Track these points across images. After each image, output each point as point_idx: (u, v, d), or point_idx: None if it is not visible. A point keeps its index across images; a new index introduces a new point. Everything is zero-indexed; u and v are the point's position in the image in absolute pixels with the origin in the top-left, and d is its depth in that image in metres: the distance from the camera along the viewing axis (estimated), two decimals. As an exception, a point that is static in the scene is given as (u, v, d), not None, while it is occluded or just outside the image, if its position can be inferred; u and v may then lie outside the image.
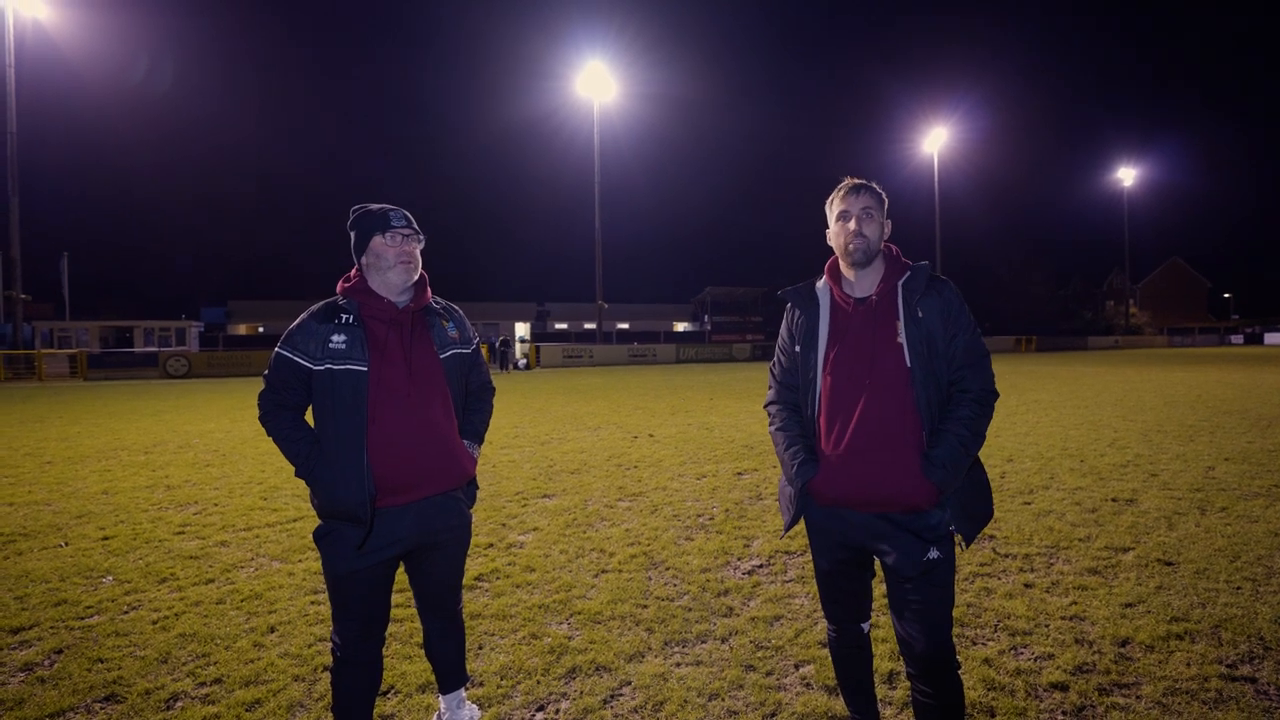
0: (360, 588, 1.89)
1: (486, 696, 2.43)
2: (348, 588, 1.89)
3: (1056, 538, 4.07)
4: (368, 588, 1.90)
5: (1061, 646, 2.69)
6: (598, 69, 36.41)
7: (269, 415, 1.89)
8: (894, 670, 2.53)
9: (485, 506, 5.12)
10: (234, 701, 2.39)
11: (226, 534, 4.43)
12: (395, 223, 1.91)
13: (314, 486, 1.86)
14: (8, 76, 25.50)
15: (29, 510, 5.18)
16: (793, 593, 3.33)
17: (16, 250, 26.09)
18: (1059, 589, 3.28)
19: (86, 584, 3.59)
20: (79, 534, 4.52)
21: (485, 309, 54.34)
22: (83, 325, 35.07)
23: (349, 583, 1.88)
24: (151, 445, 8.39)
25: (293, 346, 1.87)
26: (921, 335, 1.70)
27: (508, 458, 7.22)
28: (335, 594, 1.91)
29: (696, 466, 6.57)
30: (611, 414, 11.28)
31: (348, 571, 1.87)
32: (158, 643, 2.86)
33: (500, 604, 3.24)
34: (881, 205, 1.80)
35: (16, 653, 2.81)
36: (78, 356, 26.66)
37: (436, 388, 1.94)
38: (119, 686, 2.51)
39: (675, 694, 2.41)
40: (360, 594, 1.90)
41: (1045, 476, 5.79)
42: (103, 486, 5.98)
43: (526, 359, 28.45)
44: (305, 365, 1.85)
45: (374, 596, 1.92)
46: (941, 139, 48.67)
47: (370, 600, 1.92)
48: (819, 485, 1.75)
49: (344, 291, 1.93)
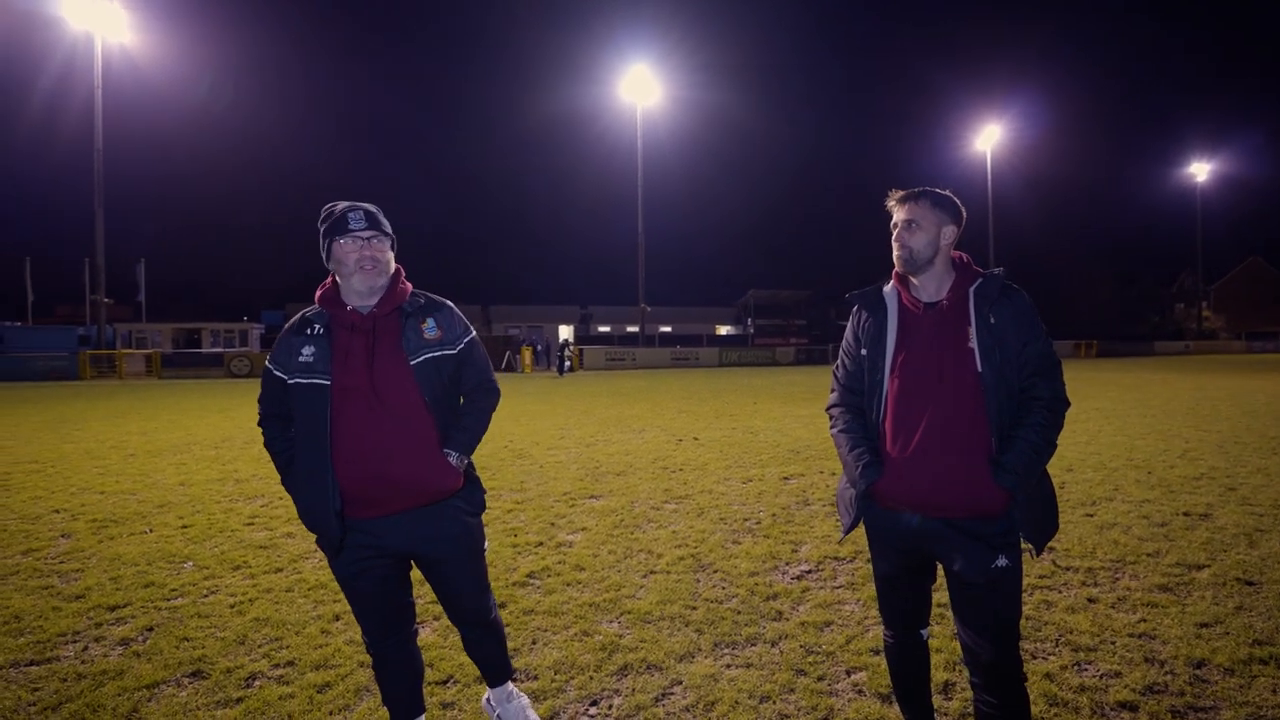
0: (363, 591, 1.88)
1: (541, 690, 2.50)
2: (351, 591, 1.90)
3: (1122, 551, 3.91)
4: (370, 592, 1.89)
5: (1130, 665, 2.59)
6: (641, 72, 36.66)
7: (261, 422, 1.91)
8: (950, 681, 2.49)
9: (534, 505, 5.24)
10: (306, 683, 2.53)
11: (291, 526, 4.66)
12: (353, 225, 1.78)
13: (292, 497, 1.85)
14: (96, 98, 27.39)
15: (117, 499, 5.57)
16: (843, 599, 3.31)
17: (101, 258, 27.93)
18: (1126, 605, 3.15)
19: (170, 568, 3.85)
20: (161, 522, 4.84)
21: (528, 312, 55.12)
22: (157, 327, 37.27)
23: (350, 587, 1.89)
24: (220, 440, 8.86)
25: (274, 359, 1.86)
26: (994, 341, 1.69)
27: (554, 458, 7.35)
28: (346, 595, 1.94)
29: (742, 470, 6.55)
30: (655, 417, 11.33)
31: (344, 576, 1.87)
32: (235, 625, 3.05)
33: (552, 601, 3.32)
34: (936, 213, 1.77)
35: (114, 628, 3.05)
36: (152, 356, 28.41)
37: (405, 396, 1.80)
38: (203, 664, 2.70)
39: (726, 695, 2.44)
40: (364, 596, 1.89)
41: (1109, 488, 5.55)
42: (179, 479, 6.37)
43: (570, 361, 28.78)
44: (282, 378, 1.83)
45: (380, 600, 1.90)
46: (995, 136, 46.82)
47: (377, 602, 1.91)
48: (884, 488, 1.75)
49: (317, 300, 1.87)
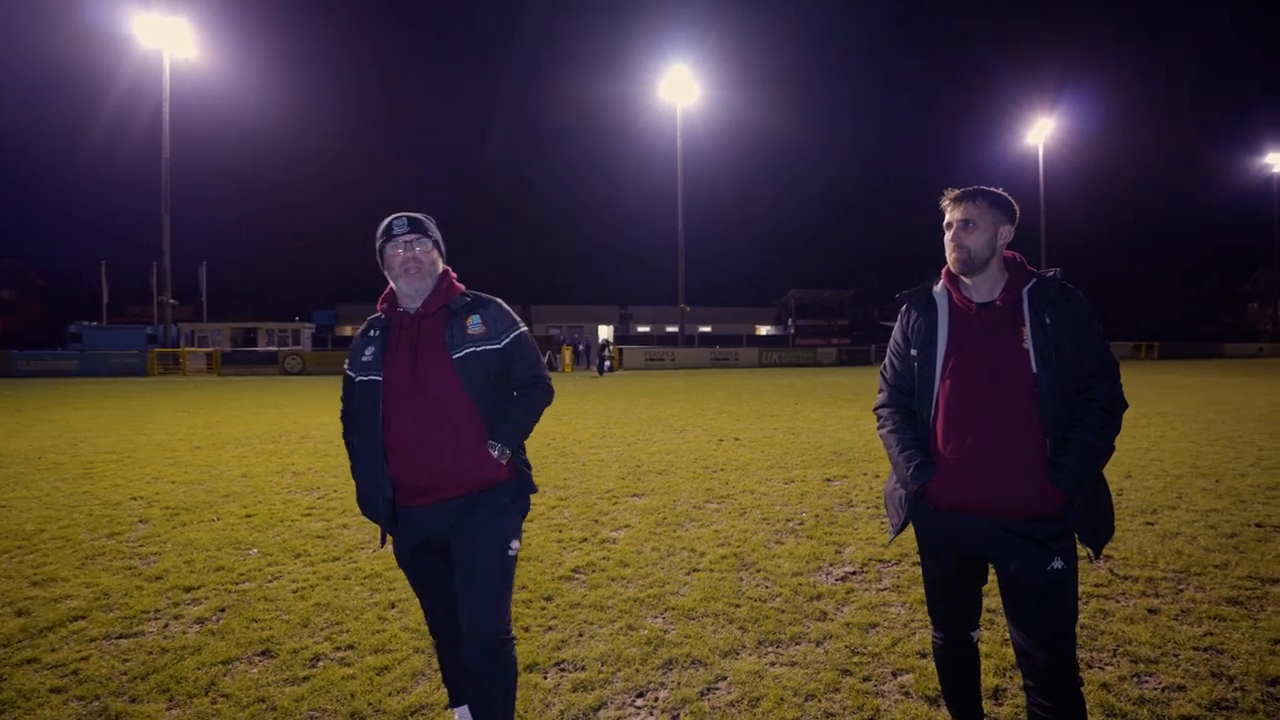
0: (421, 576, 2.04)
1: (588, 680, 2.56)
2: (411, 576, 2.06)
3: (1186, 562, 3.75)
4: (428, 576, 2.03)
5: (1194, 679, 2.49)
6: (681, 73, 36.65)
7: (341, 417, 2.09)
8: (1001, 686, 2.45)
9: (578, 502, 5.33)
10: (366, 666, 2.66)
11: (346, 518, 4.86)
12: (397, 230, 1.93)
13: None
14: (164, 110, 28.97)
15: (187, 489, 5.90)
16: (888, 601, 3.27)
17: (167, 261, 29.50)
18: (1190, 617, 3.03)
19: (237, 554, 4.07)
20: (227, 511, 5.11)
21: (569, 311, 55.60)
22: (216, 327, 39.01)
23: (409, 572, 2.05)
24: (278, 435, 9.27)
25: (348, 361, 2.06)
26: (1049, 342, 1.67)
27: (597, 457, 7.44)
28: (408, 580, 2.09)
29: (784, 471, 6.52)
30: (695, 417, 11.33)
31: (404, 562, 2.03)
32: (298, 609, 3.21)
33: (597, 595, 3.39)
34: (994, 212, 1.75)
35: (190, 608, 3.26)
36: (213, 354, 29.83)
37: (447, 390, 1.91)
38: (271, 644, 2.86)
39: (771, 691, 2.45)
40: (422, 580, 2.05)
41: (1172, 495, 5.32)
42: (242, 470, 6.70)
43: (610, 361, 29.00)
44: (352, 376, 2.02)
45: (438, 584, 2.03)
46: (1048, 129, 45.03)
47: (435, 586, 2.04)
48: (935, 489, 1.74)
49: (378, 305, 2.05)
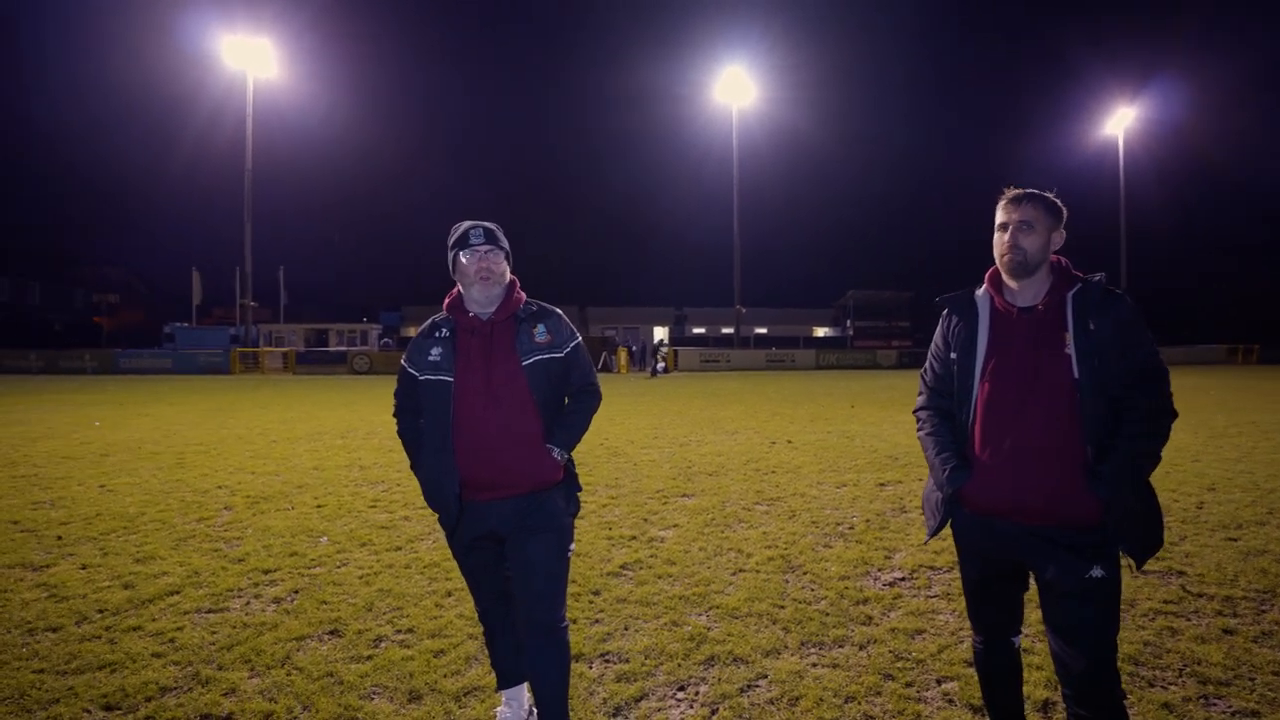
0: (473, 566, 2.15)
1: (631, 672, 2.65)
2: (464, 566, 2.18)
3: (1271, 582, 3.51)
4: (480, 566, 2.15)
5: (1272, 706, 2.35)
6: (736, 74, 36.40)
7: (397, 415, 2.19)
8: (1050, 699, 2.38)
9: (628, 501, 5.43)
10: (424, 649, 2.83)
11: (408, 510, 5.13)
12: (473, 240, 2.02)
13: (418, 479, 2.12)
14: (247, 126, 31.05)
15: (265, 479, 6.35)
16: (936, 608, 3.22)
17: (249, 265, 31.53)
18: (1272, 640, 2.85)
19: (309, 541, 4.37)
20: (300, 500, 5.47)
21: (624, 313, 55.92)
22: (292, 328, 41.33)
23: (463, 562, 2.17)
24: (346, 431, 9.80)
25: (408, 359, 2.13)
26: (1092, 348, 1.63)
27: (648, 457, 7.53)
28: (461, 571, 2.23)
29: (836, 475, 6.43)
30: (749, 419, 11.27)
31: (459, 553, 2.15)
32: (363, 594, 3.43)
33: (643, 591, 3.47)
34: (1049, 217, 1.73)
35: (268, 588, 3.53)
36: (288, 354, 31.67)
37: (516, 394, 2.01)
38: (339, 624, 3.07)
39: (811, 691, 2.47)
40: (474, 570, 2.16)
41: (1260, 510, 4.96)
42: (314, 463, 7.14)
43: (665, 363, 29.07)
44: (414, 375, 2.10)
45: (489, 575, 2.16)
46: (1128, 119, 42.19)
47: (487, 576, 2.16)
48: (972, 493, 1.73)
49: (445, 307, 2.12)
